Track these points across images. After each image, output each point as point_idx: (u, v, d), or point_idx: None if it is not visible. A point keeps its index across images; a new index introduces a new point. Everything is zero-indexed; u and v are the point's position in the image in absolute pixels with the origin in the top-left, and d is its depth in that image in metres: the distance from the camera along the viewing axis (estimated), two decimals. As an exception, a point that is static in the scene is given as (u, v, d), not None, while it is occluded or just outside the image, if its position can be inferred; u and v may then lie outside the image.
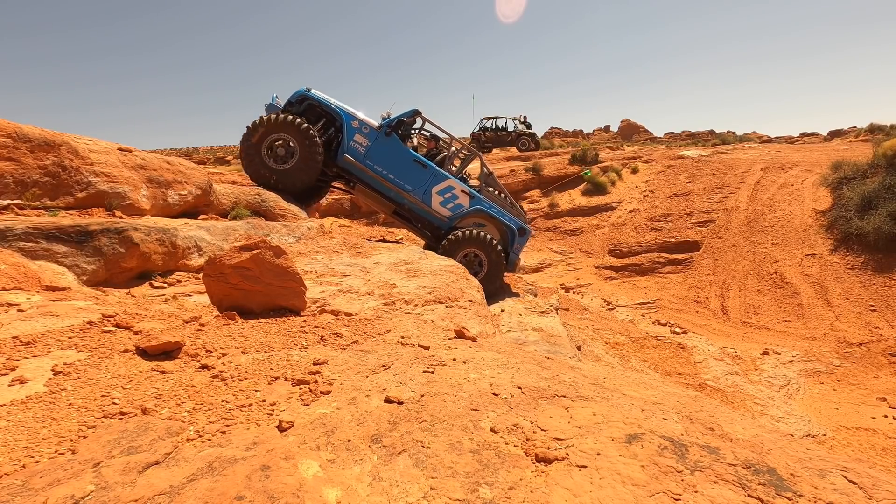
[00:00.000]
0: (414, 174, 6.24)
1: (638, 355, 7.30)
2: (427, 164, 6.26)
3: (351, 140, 6.05)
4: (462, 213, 6.38)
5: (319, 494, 1.01)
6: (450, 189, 6.35)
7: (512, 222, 6.67)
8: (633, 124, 43.84)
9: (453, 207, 6.38)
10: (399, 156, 6.19)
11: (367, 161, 6.11)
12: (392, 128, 6.11)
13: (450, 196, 6.37)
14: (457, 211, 6.37)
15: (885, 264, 9.00)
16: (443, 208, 6.36)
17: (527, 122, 21.44)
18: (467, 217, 6.42)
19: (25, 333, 1.74)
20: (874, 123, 19.22)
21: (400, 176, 6.22)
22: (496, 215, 6.58)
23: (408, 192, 6.23)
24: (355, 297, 3.07)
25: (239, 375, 1.55)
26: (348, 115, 6.09)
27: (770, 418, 5.91)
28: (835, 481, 1.21)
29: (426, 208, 6.33)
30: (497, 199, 6.69)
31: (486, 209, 6.49)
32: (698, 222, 12.71)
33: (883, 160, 10.68)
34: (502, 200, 6.73)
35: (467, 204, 6.39)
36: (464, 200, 6.39)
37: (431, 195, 6.29)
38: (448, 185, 6.33)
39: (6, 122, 3.32)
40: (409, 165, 6.23)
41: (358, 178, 6.24)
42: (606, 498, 1.05)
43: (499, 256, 6.30)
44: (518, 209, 6.89)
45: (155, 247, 3.31)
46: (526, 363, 2.01)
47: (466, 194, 6.40)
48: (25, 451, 1.07)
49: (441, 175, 6.29)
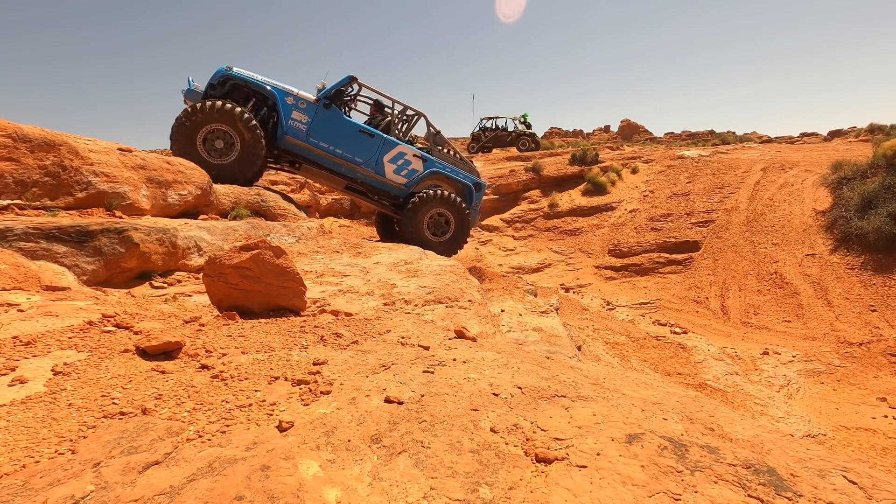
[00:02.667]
0: (362, 145, 5.90)
1: (638, 355, 7.30)
2: (374, 133, 5.94)
3: (289, 119, 5.61)
4: (418, 178, 6.16)
5: (319, 494, 1.01)
6: (401, 155, 6.07)
7: (467, 179, 6.51)
8: (633, 124, 43.84)
9: (408, 174, 6.14)
10: (344, 128, 5.83)
11: (311, 139, 5.71)
12: (330, 99, 5.72)
13: (402, 163, 6.09)
14: (412, 177, 6.14)
15: (885, 264, 9.00)
16: (397, 176, 6.10)
17: (527, 122, 21.45)
18: (423, 181, 6.23)
19: (25, 333, 1.74)
20: (874, 123, 19.22)
21: (348, 149, 5.86)
22: (452, 175, 6.41)
23: (358, 164, 5.90)
24: (355, 297, 3.07)
25: (239, 375, 1.55)
26: (281, 91, 5.63)
27: (770, 418, 5.91)
28: (835, 481, 1.21)
29: (380, 178, 6.04)
30: (448, 157, 6.48)
31: (441, 170, 6.29)
32: (698, 222, 12.70)
33: (883, 160, 10.68)
34: (453, 158, 6.54)
35: (421, 168, 6.17)
36: (417, 165, 6.15)
37: (384, 165, 5.98)
38: (399, 152, 6.05)
39: (6, 122, 3.32)
40: (355, 137, 5.88)
41: (303, 158, 5.85)
42: (606, 498, 1.05)
43: (464, 214, 6.18)
44: (470, 165, 6.71)
45: (155, 247, 3.31)
46: (526, 363, 2.01)
47: (419, 158, 6.16)
48: (25, 451, 1.07)
49: (390, 142, 6.00)
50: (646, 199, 14.63)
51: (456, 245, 6.35)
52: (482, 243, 13.82)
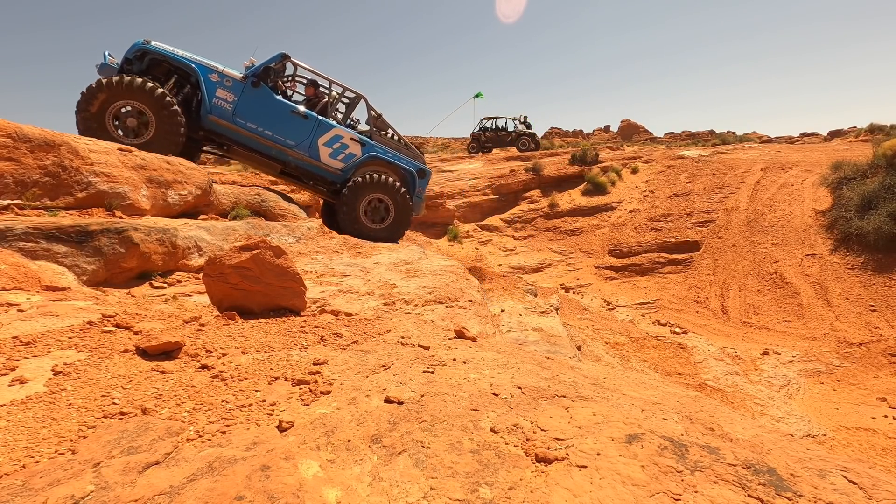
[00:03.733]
0: (295, 127, 5.57)
1: (638, 355, 7.30)
2: (308, 115, 5.62)
3: (213, 97, 5.26)
4: (356, 163, 5.85)
5: (319, 494, 1.01)
6: (338, 138, 5.76)
7: (410, 165, 6.19)
8: (633, 124, 43.85)
9: (345, 158, 5.82)
10: (274, 108, 5.49)
11: (238, 119, 5.36)
12: (259, 77, 5.38)
13: (339, 146, 5.77)
14: (349, 161, 5.83)
15: (885, 264, 9.00)
16: (333, 160, 5.78)
17: (527, 123, 21.47)
18: (362, 166, 5.90)
19: (25, 333, 1.74)
20: (874, 123, 19.23)
21: (279, 131, 5.52)
22: (393, 160, 6.06)
23: (290, 147, 5.58)
24: (355, 297, 3.07)
25: (239, 375, 1.55)
26: (204, 67, 5.28)
27: (770, 418, 5.91)
28: (835, 481, 1.21)
29: (315, 163, 5.71)
30: (391, 142, 6.16)
31: (380, 155, 5.96)
32: (698, 222, 12.71)
33: (883, 160, 10.68)
34: (396, 143, 6.22)
35: (359, 152, 5.84)
36: (355, 149, 5.83)
37: (318, 148, 5.67)
38: (335, 135, 5.74)
39: (6, 122, 3.32)
40: (287, 118, 5.54)
41: (230, 140, 5.51)
42: (606, 498, 1.05)
43: (405, 200, 5.86)
44: (414, 151, 6.37)
45: (155, 247, 3.31)
46: (526, 363, 2.01)
47: (357, 142, 5.83)
48: (25, 451, 1.07)
49: (326, 124, 5.69)
50: (646, 199, 14.64)
51: (396, 233, 6.03)
52: (482, 243, 13.82)
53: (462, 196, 15.81)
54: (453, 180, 16.85)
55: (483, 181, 16.45)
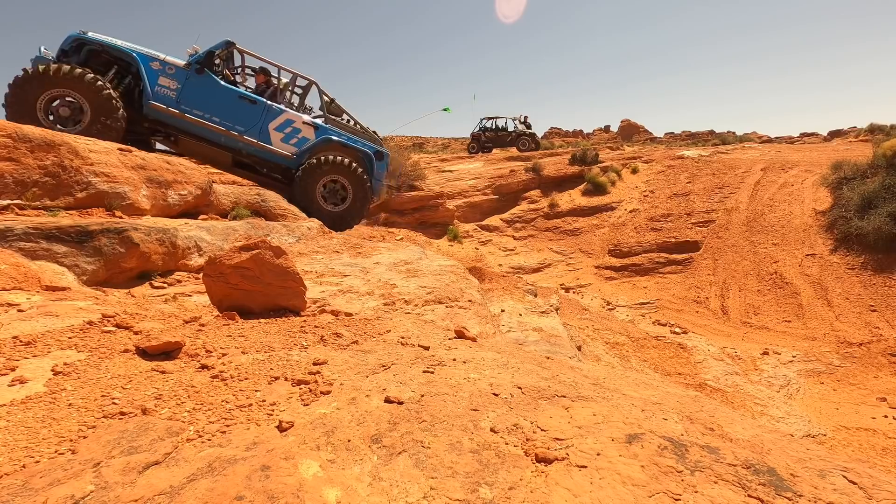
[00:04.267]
0: (243, 113, 5.46)
1: (638, 355, 7.30)
2: (257, 100, 5.52)
3: (155, 85, 5.16)
4: (309, 147, 5.74)
5: (319, 494, 1.01)
6: (289, 123, 5.63)
7: (367, 147, 6.06)
8: (633, 124, 43.85)
9: (298, 143, 5.70)
10: (220, 94, 5.38)
11: (183, 106, 5.26)
12: (202, 63, 5.30)
13: (291, 131, 5.65)
14: (303, 146, 5.72)
15: (885, 264, 9.00)
16: (286, 145, 5.66)
17: (527, 123, 21.48)
18: (317, 150, 5.78)
19: (25, 333, 1.74)
20: (874, 123, 19.25)
21: (227, 117, 5.40)
22: (348, 143, 5.93)
23: (240, 133, 5.47)
24: (355, 297, 3.07)
25: (239, 375, 1.54)
26: (144, 56, 5.17)
27: (770, 418, 5.91)
28: (835, 481, 1.21)
29: (267, 148, 5.60)
30: (346, 126, 6.06)
31: (335, 138, 5.82)
32: (698, 222, 12.71)
33: (883, 160, 10.68)
34: (352, 127, 6.11)
35: (313, 136, 5.74)
36: (308, 133, 5.72)
37: (269, 133, 5.55)
38: (286, 119, 5.62)
39: (6, 122, 3.32)
40: (234, 103, 5.43)
41: (177, 129, 5.38)
42: (606, 498, 1.05)
43: (363, 182, 5.76)
44: (370, 134, 6.26)
45: (155, 247, 3.31)
46: (526, 363, 2.01)
47: (310, 126, 5.71)
48: (25, 451, 1.07)
49: (276, 109, 5.58)
50: (646, 199, 14.64)
51: (356, 215, 5.91)
52: (482, 243, 13.82)
53: (462, 196, 15.81)
54: (453, 180, 16.85)
55: (483, 181, 16.45)
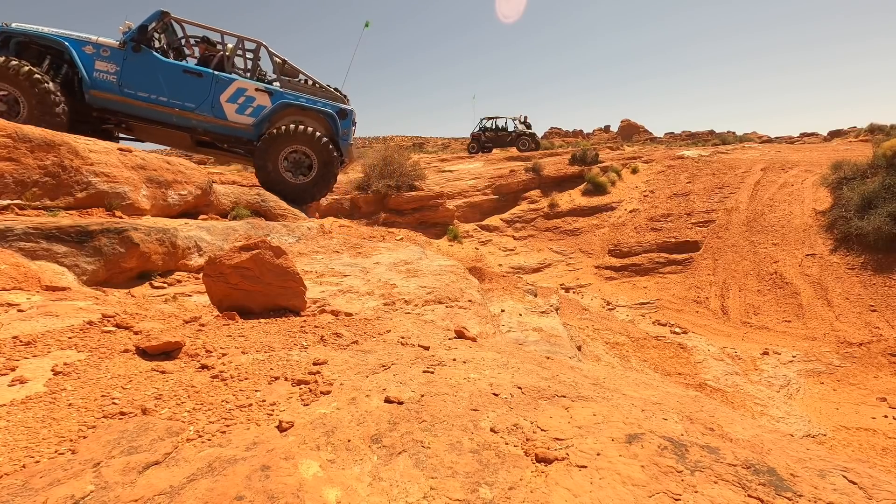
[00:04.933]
0: (191, 87, 5.18)
1: (638, 355, 7.30)
2: (203, 72, 5.24)
3: (93, 71, 4.89)
4: (267, 115, 5.43)
5: (319, 494, 1.01)
6: (241, 92, 5.34)
7: (329, 107, 5.69)
8: (633, 124, 43.86)
9: (253, 111, 5.40)
10: (164, 71, 5.08)
11: (126, 90, 4.97)
12: (137, 40, 4.98)
13: (244, 100, 5.35)
14: (259, 114, 5.41)
15: (885, 264, 9.00)
16: (241, 116, 5.36)
17: (527, 123, 21.50)
18: (276, 117, 5.49)
19: (25, 333, 1.74)
20: (874, 123, 19.27)
21: (175, 94, 5.12)
22: (309, 105, 5.58)
23: (192, 110, 5.21)
24: (355, 297, 3.07)
25: (239, 375, 1.54)
26: (75, 41, 4.89)
27: (770, 418, 5.91)
28: (835, 481, 1.21)
29: (222, 122, 5.33)
30: (303, 87, 5.74)
31: (293, 101, 5.49)
32: (698, 222, 12.71)
33: (883, 160, 10.69)
34: (310, 87, 5.78)
35: (268, 102, 5.42)
36: (263, 99, 5.40)
37: (222, 105, 5.28)
38: (238, 88, 5.33)
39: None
40: (180, 79, 5.15)
41: (126, 115, 5.12)
42: (606, 498, 1.05)
43: (327, 148, 5.47)
44: (331, 92, 5.88)
45: (155, 247, 3.31)
46: (526, 363, 2.01)
47: (264, 92, 5.40)
48: (25, 451, 1.07)
49: (224, 79, 5.29)
50: (646, 199, 14.64)
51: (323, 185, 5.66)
52: (482, 243, 13.82)
53: (462, 196, 15.81)
54: (453, 180, 16.85)
55: (483, 181, 16.46)
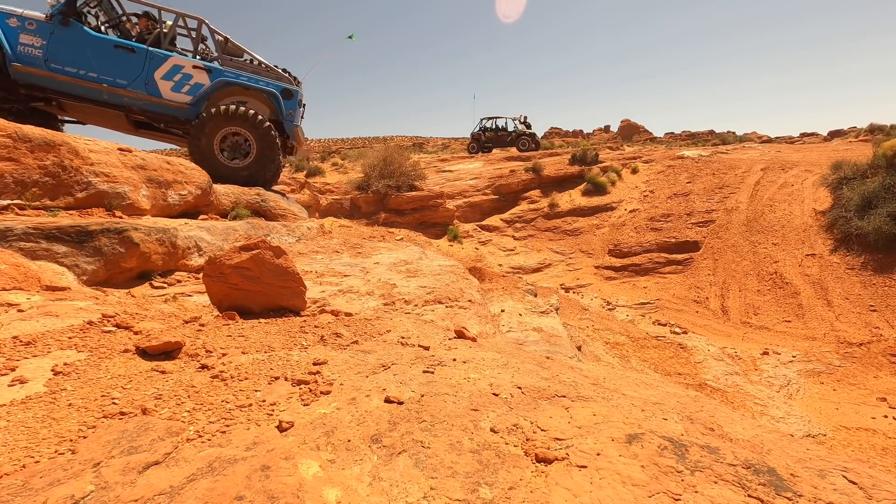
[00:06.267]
0: (123, 64, 4.94)
1: (638, 355, 7.30)
2: (136, 47, 4.97)
3: (17, 44, 4.65)
4: (205, 93, 5.22)
5: (319, 494, 1.01)
6: (178, 69, 5.11)
7: (272, 86, 5.48)
8: (633, 124, 43.86)
9: (191, 90, 5.18)
10: (94, 46, 4.86)
11: (52, 64, 4.74)
12: (66, 13, 4.74)
13: (181, 77, 5.13)
14: (197, 92, 5.20)
15: (885, 264, 9.00)
16: (178, 94, 5.14)
17: (527, 123, 21.50)
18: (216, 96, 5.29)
19: (25, 333, 1.74)
20: (874, 123, 19.28)
21: (106, 70, 4.89)
22: (250, 83, 5.38)
23: (124, 87, 4.97)
24: (355, 297, 3.07)
25: (239, 375, 1.54)
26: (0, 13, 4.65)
27: (770, 418, 5.91)
28: (835, 481, 1.21)
29: (157, 100, 5.09)
30: (245, 65, 5.55)
31: (233, 79, 5.28)
32: (698, 222, 12.71)
33: (883, 160, 10.68)
34: (253, 66, 5.59)
35: (207, 80, 5.21)
36: (201, 77, 5.18)
37: (157, 83, 5.05)
38: (174, 65, 5.10)
39: (6, 122, 3.32)
40: (111, 54, 4.90)
41: (54, 91, 4.89)
42: (606, 498, 1.05)
43: (267, 132, 5.21)
44: (276, 72, 5.69)
45: (155, 247, 3.31)
46: (526, 363, 2.01)
47: (202, 69, 5.18)
48: (25, 451, 1.07)
49: (159, 56, 5.04)
50: (646, 199, 14.63)
51: (263, 169, 5.36)
52: (482, 243, 13.82)
53: (462, 196, 15.82)
54: (453, 180, 16.86)
55: (483, 181, 16.46)
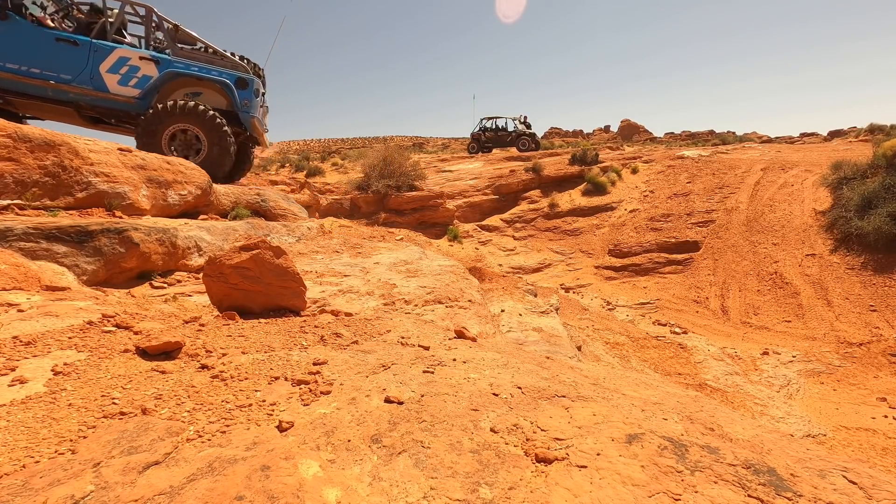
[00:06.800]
0: (66, 57, 4.74)
1: (638, 355, 7.30)
2: (78, 40, 4.78)
3: None
4: (154, 85, 5.00)
5: (319, 494, 1.01)
6: (124, 61, 4.89)
7: (225, 76, 5.24)
8: (633, 124, 43.86)
9: (138, 82, 4.95)
10: (34, 40, 4.66)
11: None
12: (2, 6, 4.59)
13: (127, 70, 4.91)
14: (145, 85, 4.97)
15: (885, 264, 9.00)
16: (125, 88, 4.93)
17: (527, 123, 21.50)
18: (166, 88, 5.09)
19: (25, 333, 1.74)
20: (874, 123, 19.28)
21: (48, 65, 4.70)
22: (202, 74, 5.16)
23: (68, 83, 4.79)
24: (355, 297, 3.07)
25: (239, 375, 1.55)
26: None
27: (770, 418, 5.91)
28: (835, 481, 1.21)
29: (103, 95, 4.89)
30: (198, 54, 5.33)
31: (183, 70, 5.07)
32: (698, 222, 12.71)
33: (883, 160, 10.68)
34: (207, 55, 5.37)
35: (155, 71, 4.99)
36: (149, 69, 4.96)
37: (102, 77, 4.85)
38: (119, 57, 4.88)
39: (6, 122, 3.32)
40: (53, 48, 4.72)
41: None
42: (606, 498, 1.05)
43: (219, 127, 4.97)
44: (232, 60, 5.43)
45: (155, 247, 3.31)
46: (526, 363, 2.01)
47: (150, 60, 4.97)
48: (25, 451, 1.07)
49: (104, 48, 4.83)
50: (646, 199, 14.63)
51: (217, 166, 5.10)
52: (482, 243, 13.82)
53: (462, 196, 15.82)
54: (453, 180, 16.86)
55: (483, 181, 16.46)
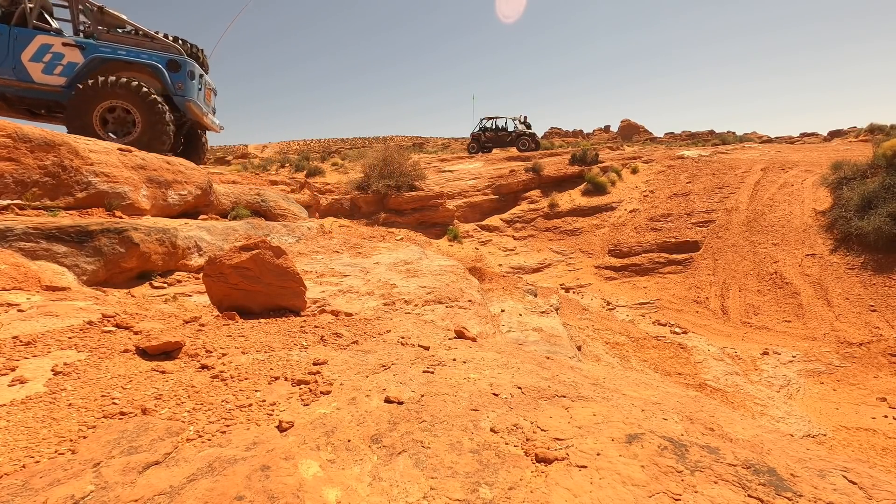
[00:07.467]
0: None
1: (638, 355, 7.30)
2: None
3: None
4: (80, 73, 4.85)
5: (319, 494, 1.01)
6: (46, 48, 4.73)
7: (155, 59, 5.06)
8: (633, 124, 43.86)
9: (63, 70, 4.82)
10: None
11: None
12: None
13: (51, 58, 4.76)
14: (70, 72, 4.82)
15: (885, 264, 9.00)
16: (49, 76, 4.78)
17: (527, 123, 21.50)
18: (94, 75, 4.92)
19: (25, 333, 1.74)
20: (874, 123, 19.28)
21: None
22: (130, 58, 4.96)
23: None
24: (355, 297, 3.07)
25: (239, 375, 1.54)
26: None
27: (770, 418, 5.91)
28: (835, 481, 1.21)
29: (28, 85, 4.76)
30: (126, 37, 5.14)
31: (109, 55, 4.88)
32: (698, 222, 12.70)
33: (883, 160, 10.68)
34: (134, 38, 5.18)
35: (80, 58, 4.84)
36: (73, 56, 4.81)
37: (25, 66, 4.69)
38: (41, 45, 4.71)
39: (6, 122, 3.32)
40: None
41: None
42: (606, 498, 1.05)
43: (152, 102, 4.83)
44: (164, 41, 5.25)
45: (155, 247, 3.31)
46: (526, 363, 2.01)
47: (73, 46, 4.80)
48: (25, 451, 1.07)
49: (24, 35, 4.67)
50: (646, 199, 14.63)
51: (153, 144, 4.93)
52: (482, 243, 13.82)
53: (462, 196, 15.81)
54: (453, 180, 16.86)
55: (483, 181, 16.46)
